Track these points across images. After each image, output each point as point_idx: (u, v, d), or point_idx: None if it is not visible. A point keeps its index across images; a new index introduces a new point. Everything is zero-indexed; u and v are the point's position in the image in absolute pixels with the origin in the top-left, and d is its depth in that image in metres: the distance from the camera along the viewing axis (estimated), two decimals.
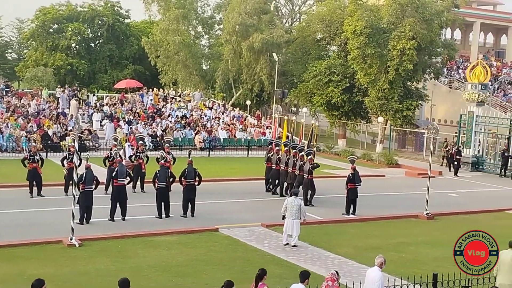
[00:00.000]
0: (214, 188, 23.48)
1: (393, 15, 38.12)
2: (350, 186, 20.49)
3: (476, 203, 24.32)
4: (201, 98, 44.95)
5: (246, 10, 44.02)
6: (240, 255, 15.22)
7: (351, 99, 41.69)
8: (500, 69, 55.65)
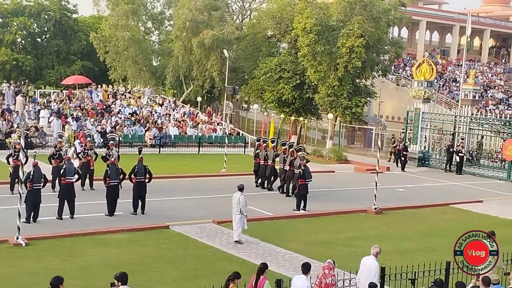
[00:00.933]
0: (165, 185, 23.32)
1: (342, 13, 38.59)
2: (300, 182, 20.68)
3: (423, 197, 24.93)
4: (151, 94, 44.51)
5: (196, 6, 43.77)
6: (191, 252, 15.18)
7: (301, 95, 42.02)
8: (445, 67, 57.13)
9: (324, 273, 10.42)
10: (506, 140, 31.83)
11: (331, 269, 10.49)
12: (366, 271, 11.26)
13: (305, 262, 10.65)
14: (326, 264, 10.56)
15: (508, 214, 22.17)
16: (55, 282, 8.68)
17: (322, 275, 10.41)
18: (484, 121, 35.87)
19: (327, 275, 10.40)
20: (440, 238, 17.96)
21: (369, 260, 11.42)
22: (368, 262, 11.39)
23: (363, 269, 11.38)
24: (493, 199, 25.49)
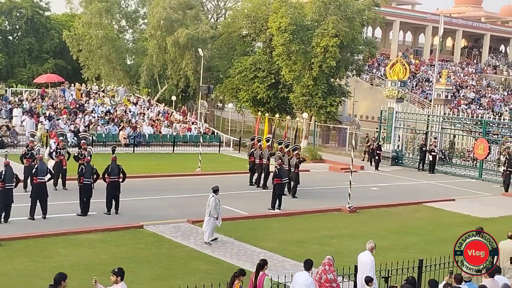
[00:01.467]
0: (139, 184, 23.17)
1: (317, 12, 38.76)
2: (276, 181, 20.74)
3: (396, 196, 25.15)
4: (125, 93, 44.18)
5: (171, 5, 43.57)
6: (166, 251, 15.12)
7: (276, 95, 42.11)
8: (418, 67, 57.74)
9: (324, 269, 10.69)
10: (477, 139, 32.30)
11: (331, 265, 10.75)
12: (362, 266, 11.60)
13: (308, 259, 10.74)
14: (326, 261, 10.82)
15: (479, 212, 22.50)
16: (58, 278, 8.93)
17: (322, 271, 10.67)
18: (456, 120, 36.35)
19: (327, 271, 10.67)
20: (413, 236, 18.16)
21: (365, 255, 11.75)
22: (364, 257, 11.72)
23: (359, 264, 11.71)
24: (465, 198, 25.84)
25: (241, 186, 24.84)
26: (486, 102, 53.81)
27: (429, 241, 17.57)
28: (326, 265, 10.77)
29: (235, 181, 26.09)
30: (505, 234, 14.62)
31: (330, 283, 10.58)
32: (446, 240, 17.80)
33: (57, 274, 9.04)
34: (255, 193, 23.46)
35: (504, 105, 54.84)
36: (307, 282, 10.22)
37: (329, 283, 10.57)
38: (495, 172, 31.54)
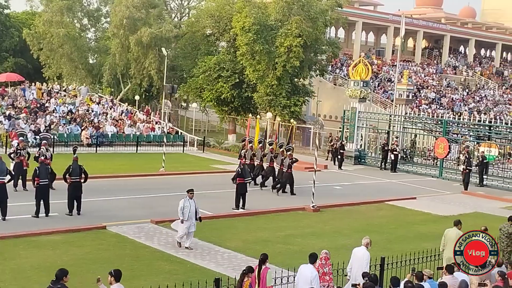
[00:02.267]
0: (101, 184, 22.92)
1: (280, 12, 38.93)
2: (239, 180, 20.76)
3: (359, 195, 25.46)
4: (87, 92, 43.62)
5: (134, 3, 43.19)
6: (129, 252, 14.99)
7: (240, 94, 42.13)
8: (380, 67, 58.45)
9: (321, 263, 11.18)
10: (438, 138, 32.89)
11: (328, 259, 11.28)
12: (357, 261, 11.95)
13: (313, 252, 11.14)
14: (323, 255, 11.30)
15: (439, 210, 22.94)
16: (60, 274, 9.20)
17: (319, 265, 11.12)
18: (417, 120, 36.94)
19: (324, 265, 11.21)
20: (375, 234, 18.36)
21: (361, 250, 12.06)
22: (360, 252, 12.04)
23: (355, 259, 12.07)
24: (425, 196, 26.30)
25: (205, 186, 24.75)
26: (446, 102, 54.81)
27: (391, 239, 17.83)
28: (322, 259, 11.28)
29: (199, 181, 26.00)
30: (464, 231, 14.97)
31: (324, 275, 11.15)
32: (407, 238, 18.15)
33: (59, 270, 9.28)
34: (219, 192, 23.43)
35: (464, 105, 55.95)
36: (312, 274, 10.65)
37: (324, 275, 11.15)
38: (455, 171, 32.17)
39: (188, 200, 15.60)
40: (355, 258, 12.05)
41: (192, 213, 15.55)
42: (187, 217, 15.45)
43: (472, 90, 62.37)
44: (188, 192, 15.77)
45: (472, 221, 21.02)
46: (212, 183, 25.62)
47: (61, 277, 9.23)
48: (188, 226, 15.50)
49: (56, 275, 9.23)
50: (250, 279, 10.30)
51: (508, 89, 66.61)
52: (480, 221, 19.37)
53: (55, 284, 9.15)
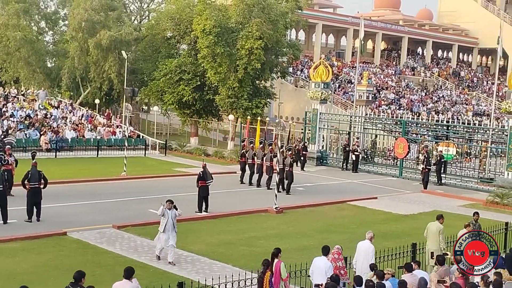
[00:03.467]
0: (61, 190, 22.55)
1: (241, 15, 39.02)
2: (201, 183, 20.69)
3: (321, 195, 25.62)
4: (46, 97, 42.88)
5: (92, 6, 42.65)
6: (90, 258, 14.80)
7: (202, 97, 42.05)
8: (340, 69, 59.09)
9: (334, 258, 11.79)
10: (397, 138, 33.38)
11: (340, 253, 11.93)
12: (362, 254, 12.59)
13: (325, 245, 11.80)
14: (335, 250, 11.94)
15: (400, 209, 23.30)
16: (78, 276, 9.35)
17: (332, 259, 11.71)
18: (377, 120, 37.44)
19: (337, 259, 11.82)
20: (337, 234, 18.58)
21: (365, 244, 12.73)
22: (364, 245, 12.71)
23: (359, 253, 12.71)
24: (386, 195, 26.66)
25: (167, 189, 24.62)
26: (405, 103, 55.72)
27: (353, 238, 17.93)
28: (335, 253, 11.88)
29: (161, 185, 25.89)
30: (423, 230, 15.27)
31: (338, 269, 11.67)
32: None
33: (76, 272, 9.41)
34: (181, 196, 23.28)
35: (422, 105, 56.97)
36: (326, 265, 11.35)
37: (338, 270, 11.61)
38: (415, 170, 32.70)
39: (166, 210, 14.77)
40: (360, 251, 12.68)
41: (170, 224, 14.68)
42: (163, 228, 14.66)
43: (430, 91, 63.57)
44: (166, 203, 14.87)
45: (431, 219, 21.41)
46: (175, 186, 25.47)
47: (79, 278, 9.34)
48: (166, 238, 14.66)
49: (74, 277, 9.35)
50: (269, 272, 10.94)
51: (465, 90, 68.11)
52: None
53: (74, 286, 9.27)
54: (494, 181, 29.59)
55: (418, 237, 15.12)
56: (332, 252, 11.86)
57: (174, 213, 14.89)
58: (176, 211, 14.94)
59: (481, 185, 30.05)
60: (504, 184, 27.75)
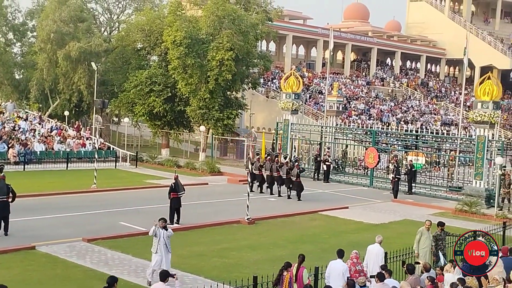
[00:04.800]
0: (30, 203, 22.20)
1: (211, 26, 39.05)
2: (173, 195, 20.57)
3: (293, 206, 25.71)
4: (14, 109, 42.27)
5: (61, 17, 42.26)
6: (60, 272, 14.57)
7: (173, 108, 41.91)
8: (311, 80, 59.47)
9: (353, 262, 12.50)
10: (368, 148, 33.67)
11: (358, 257, 12.65)
12: (373, 257, 13.38)
13: (340, 248, 12.62)
14: (353, 255, 12.66)
15: (371, 219, 23.48)
16: (111, 281, 9.77)
17: (351, 264, 12.42)
18: (348, 131, 37.79)
19: (356, 263, 12.50)
20: (309, 244, 18.62)
21: (375, 247, 13.54)
22: (375, 249, 13.50)
23: (370, 256, 13.46)
24: (357, 205, 26.87)
25: (138, 201, 24.45)
26: (375, 113, 56.30)
27: (325, 248, 18.08)
28: (354, 258, 12.58)
29: (132, 197, 25.69)
30: (395, 238, 15.44)
31: (358, 273, 12.24)
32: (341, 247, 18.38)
33: (109, 277, 9.91)
34: (153, 208, 23.13)
35: (392, 115, 57.62)
36: (343, 268, 12.03)
37: (358, 273, 12.18)
38: (385, 180, 33.03)
39: (159, 229, 13.92)
40: (371, 254, 13.43)
41: (162, 244, 13.81)
42: (156, 249, 13.85)
43: (399, 101, 64.35)
44: (159, 221, 14.04)
45: (402, 228, 21.69)
46: (146, 198, 25.30)
47: (112, 283, 9.73)
48: (158, 260, 13.78)
49: (108, 282, 9.75)
50: (289, 273, 11.51)
51: (433, 100, 69.13)
52: (411, 228, 19.95)
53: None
54: (462, 190, 30.04)
55: (390, 246, 15.23)
56: (350, 257, 12.60)
57: (167, 232, 14.01)
58: (166, 232, 14.00)
59: (450, 193, 30.49)
60: (472, 192, 28.19)
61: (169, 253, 13.99)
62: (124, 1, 51.91)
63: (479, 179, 28.50)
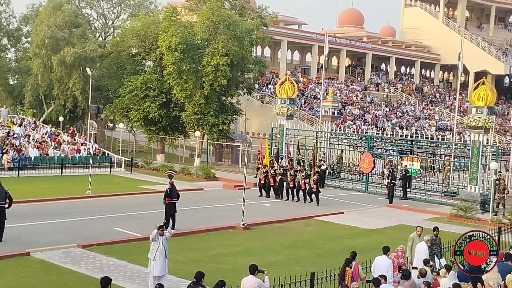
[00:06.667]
0: (24, 209, 22.12)
1: (207, 32, 39.07)
2: (168, 201, 20.53)
3: (288, 211, 25.68)
4: (8, 114, 42.18)
5: (56, 23, 42.27)
6: (55, 279, 14.51)
7: (168, 114, 41.88)
8: (306, 85, 59.54)
9: (397, 255, 13.65)
10: (363, 153, 33.70)
11: (402, 252, 13.87)
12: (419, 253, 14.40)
13: (385, 245, 13.52)
14: (399, 248, 13.97)
15: (366, 224, 23.48)
16: (199, 276, 10.61)
17: (395, 256, 13.54)
18: (343, 136, 37.79)
19: (399, 256, 13.67)
20: (304, 249, 18.61)
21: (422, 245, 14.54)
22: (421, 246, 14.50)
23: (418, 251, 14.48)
24: (353, 210, 26.86)
25: (133, 207, 24.39)
26: (370, 118, 56.39)
27: (320, 253, 18.08)
28: (399, 251, 13.81)
29: (127, 202, 25.63)
30: (390, 243, 15.35)
31: (400, 266, 13.39)
32: (336, 252, 18.43)
33: (197, 272, 10.69)
34: (148, 213, 23.08)
35: (387, 121, 57.73)
36: (387, 263, 12.87)
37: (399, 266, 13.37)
38: (380, 185, 33.03)
39: (157, 236, 13.74)
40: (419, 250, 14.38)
41: (160, 252, 13.61)
42: (154, 256, 13.64)
43: (394, 106, 64.50)
44: (158, 229, 13.78)
45: (397, 233, 21.68)
46: (141, 203, 25.25)
47: (200, 278, 10.53)
48: (158, 267, 13.59)
49: (196, 277, 10.60)
50: (351, 269, 12.24)
51: (428, 105, 69.31)
52: (406, 233, 19.91)
53: (195, 285, 10.47)
54: (457, 195, 30.09)
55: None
56: (396, 250, 13.81)
57: (166, 238, 13.83)
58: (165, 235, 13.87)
59: (445, 199, 30.55)
60: (467, 197, 28.22)
61: (166, 258, 13.85)
62: (119, 6, 52.03)
63: (474, 184, 28.55)
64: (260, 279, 11.33)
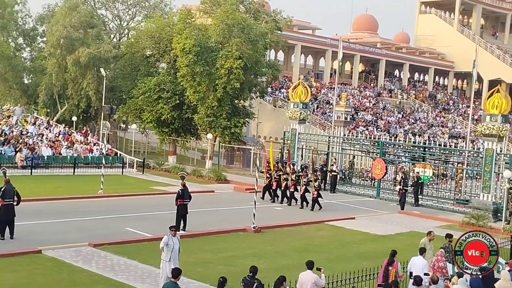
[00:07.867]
0: (37, 208, 22.23)
1: (221, 35, 39.15)
2: (179, 202, 20.56)
3: (299, 215, 25.63)
4: (22, 113, 42.46)
5: (71, 23, 42.52)
6: (66, 276, 14.56)
7: (181, 116, 41.97)
8: (319, 90, 59.49)
9: (437, 259, 13.60)
10: (375, 159, 33.58)
11: (443, 255, 13.71)
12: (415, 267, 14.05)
13: (422, 247, 14.20)
14: (439, 252, 13.94)
15: (377, 230, 23.37)
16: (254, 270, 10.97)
17: (435, 260, 13.59)
18: (355, 141, 37.67)
19: (439, 260, 13.54)
20: (315, 254, 18.52)
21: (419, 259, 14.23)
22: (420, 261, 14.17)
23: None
24: (364, 216, 26.75)
25: (145, 208, 24.45)
26: (383, 124, 56.21)
27: (331, 258, 18.01)
28: (439, 255, 13.75)
29: (139, 203, 25.69)
30: (401, 250, 15.32)
31: (441, 269, 13.28)
32: (347, 257, 18.39)
33: (252, 266, 11.07)
34: (159, 214, 23.14)
35: (399, 127, 57.52)
36: (423, 263, 13.10)
37: (440, 269, 13.26)
38: (392, 191, 32.88)
39: (171, 238, 13.82)
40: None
41: (175, 253, 13.80)
42: (169, 257, 13.70)
43: (407, 113, 64.26)
44: (170, 229, 13.97)
45: (409, 240, 21.57)
46: (152, 204, 25.30)
47: (256, 272, 10.85)
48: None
49: (251, 271, 10.92)
50: (394, 268, 12.55)
51: (441, 112, 68.98)
52: (417, 240, 19.78)
53: (251, 279, 10.83)
54: (469, 203, 29.89)
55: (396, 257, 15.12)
56: (437, 254, 13.93)
57: (178, 239, 14.10)
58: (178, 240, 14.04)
59: (457, 206, 30.35)
60: (479, 205, 28.03)
61: (177, 260, 13.98)
62: (134, 8, 52.27)
63: (487, 192, 28.36)
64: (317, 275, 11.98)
